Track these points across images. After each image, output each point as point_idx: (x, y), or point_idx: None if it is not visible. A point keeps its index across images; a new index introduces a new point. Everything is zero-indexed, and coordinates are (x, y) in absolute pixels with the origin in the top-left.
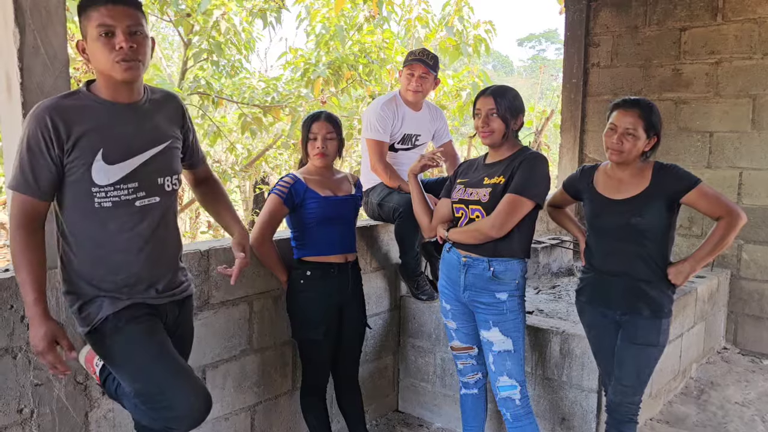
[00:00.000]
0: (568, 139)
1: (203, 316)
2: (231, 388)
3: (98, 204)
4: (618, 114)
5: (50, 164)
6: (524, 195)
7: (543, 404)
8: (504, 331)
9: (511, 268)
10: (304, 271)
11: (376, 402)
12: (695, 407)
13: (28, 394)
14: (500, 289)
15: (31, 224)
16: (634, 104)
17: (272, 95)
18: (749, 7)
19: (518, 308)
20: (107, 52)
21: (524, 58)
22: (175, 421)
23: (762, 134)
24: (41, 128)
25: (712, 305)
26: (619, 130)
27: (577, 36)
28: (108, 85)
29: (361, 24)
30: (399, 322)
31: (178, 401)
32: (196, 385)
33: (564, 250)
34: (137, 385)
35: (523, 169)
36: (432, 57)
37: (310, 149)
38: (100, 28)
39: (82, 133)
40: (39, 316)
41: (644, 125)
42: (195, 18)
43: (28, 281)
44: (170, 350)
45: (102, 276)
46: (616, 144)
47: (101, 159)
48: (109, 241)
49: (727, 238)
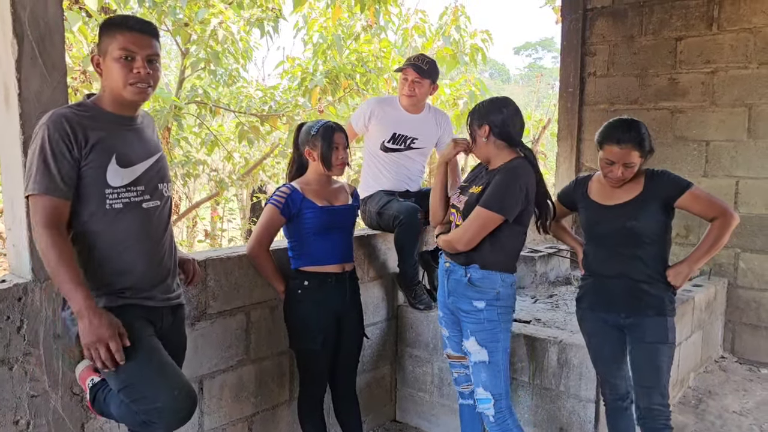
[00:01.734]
0: (565, 147)
1: (200, 326)
2: (228, 399)
3: (110, 205)
4: (612, 149)
5: (73, 165)
6: (491, 208)
7: (541, 414)
8: (480, 341)
9: (488, 276)
10: (301, 281)
11: (374, 412)
12: (693, 417)
13: (24, 405)
14: (477, 297)
15: (60, 226)
16: (625, 138)
17: (269, 104)
18: (744, 17)
19: (498, 319)
20: (124, 74)
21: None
22: (155, 414)
23: (758, 143)
24: (60, 132)
25: (710, 314)
26: (619, 165)
27: (574, 45)
28: (114, 101)
29: (359, 33)
30: (396, 331)
31: (160, 393)
32: (180, 381)
33: (561, 259)
34: (122, 376)
35: (495, 181)
36: (427, 62)
37: (334, 159)
38: (122, 51)
39: (98, 139)
40: (95, 307)
41: (640, 152)
42: (192, 27)
43: (74, 280)
44: (158, 347)
45: (108, 276)
46: (619, 177)
47: (115, 162)
48: (118, 241)
49: (722, 238)
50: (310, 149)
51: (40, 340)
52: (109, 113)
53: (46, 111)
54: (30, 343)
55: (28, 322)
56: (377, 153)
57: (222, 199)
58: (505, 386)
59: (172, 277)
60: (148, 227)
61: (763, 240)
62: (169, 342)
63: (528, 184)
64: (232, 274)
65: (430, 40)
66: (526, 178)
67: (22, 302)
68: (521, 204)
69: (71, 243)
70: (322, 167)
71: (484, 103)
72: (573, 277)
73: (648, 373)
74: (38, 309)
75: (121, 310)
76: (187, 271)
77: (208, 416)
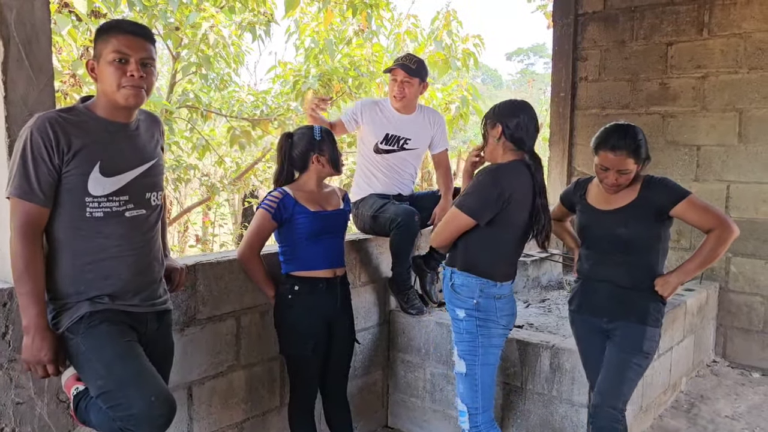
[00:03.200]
0: (557, 152)
1: (190, 331)
2: (218, 405)
3: (89, 213)
4: (607, 155)
5: (52, 171)
6: (461, 208)
7: (533, 419)
8: (459, 352)
9: (467, 283)
10: (292, 286)
11: (365, 418)
12: (686, 421)
13: (9, 412)
14: (458, 304)
15: (35, 234)
16: (620, 145)
17: (261, 108)
18: (735, 22)
19: (476, 331)
20: (117, 76)
21: (513, 72)
22: (131, 421)
23: (749, 147)
24: (43, 137)
25: (701, 318)
26: (612, 171)
27: (565, 50)
28: (108, 106)
29: (351, 38)
30: (388, 336)
31: (136, 400)
32: (158, 388)
33: (553, 264)
34: (100, 381)
35: (473, 182)
36: (415, 61)
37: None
38: (115, 54)
39: (81, 146)
40: (43, 328)
41: (635, 160)
42: (184, 31)
43: (34, 293)
44: (137, 353)
45: (90, 282)
46: (614, 183)
47: (98, 171)
48: (99, 248)
49: (717, 251)
50: (318, 155)
51: None
52: (101, 119)
53: (32, 114)
54: (15, 350)
55: (14, 327)
56: (370, 156)
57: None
58: (483, 401)
59: (158, 284)
60: (132, 236)
61: (754, 244)
62: (154, 348)
63: (511, 188)
64: (222, 279)
65: (422, 44)
66: (509, 182)
67: (6, 308)
68: (495, 208)
69: (43, 253)
70: (330, 170)
71: (502, 104)
72: (565, 282)
73: (611, 376)
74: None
75: (103, 315)
76: (173, 281)
77: (198, 423)
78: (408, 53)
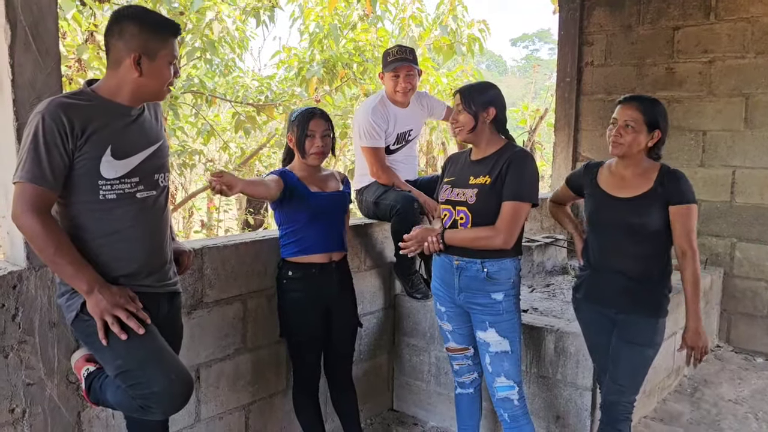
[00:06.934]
0: (562, 137)
1: (197, 314)
2: (225, 388)
3: (103, 196)
4: (619, 108)
5: (64, 157)
6: (523, 199)
7: (538, 402)
8: (501, 332)
9: (504, 267)
10: (286, 272)
11: (371, 401)
12: (689, 405)
13: (20, 393)
14: (496, 289)
15: (48, 211)
16: (635, 98)
17: (266, 94)
18: (742, 7)
19: (514, 308)
20: (169, 77)
21: (518, 58)
22: (152, 399)
23: (755, 133)
24: (56, 122)
25: (705, 303)
26: (619, 123)
27: (571, 35)
28: (130, 94)
29: (355, 23)
30: (393, 320)
31: (157, 378)
32: (177, 366)
33: (558, 249)
34: (119, 361)
35: (513, 171)
36: (409, 51)
37: (308, 147)
38: (172, 57)
39: (94, 131)
40: (104, 282)
41: (645, 119)
42: (188, 16)
43: (77, 259)
44: (155, 333)
45: (104, 264)
46: (615, 136)
47: (110, 154)
48: (112, 230)
49: (697, 275)
50: (290, 135)
51: (36, 328)
52: (110, 102)
53: (40, 97)
54: (25, 331)
55: (23, 310)
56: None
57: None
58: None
59: (170, 264)
60: (143, 216)
61: (759, 229)
62: (165, 330)
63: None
64: (229, 263)
65: (427, 29)
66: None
67: (17, 290)
68: (539, 187)
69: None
70: (297, 154)
71: (486, 86)
72: (570, 267)
73: (625, 373)
74: (33, 297)
75: None
76: (180, 263)
77: (205, 405)
78: (398, 46)
